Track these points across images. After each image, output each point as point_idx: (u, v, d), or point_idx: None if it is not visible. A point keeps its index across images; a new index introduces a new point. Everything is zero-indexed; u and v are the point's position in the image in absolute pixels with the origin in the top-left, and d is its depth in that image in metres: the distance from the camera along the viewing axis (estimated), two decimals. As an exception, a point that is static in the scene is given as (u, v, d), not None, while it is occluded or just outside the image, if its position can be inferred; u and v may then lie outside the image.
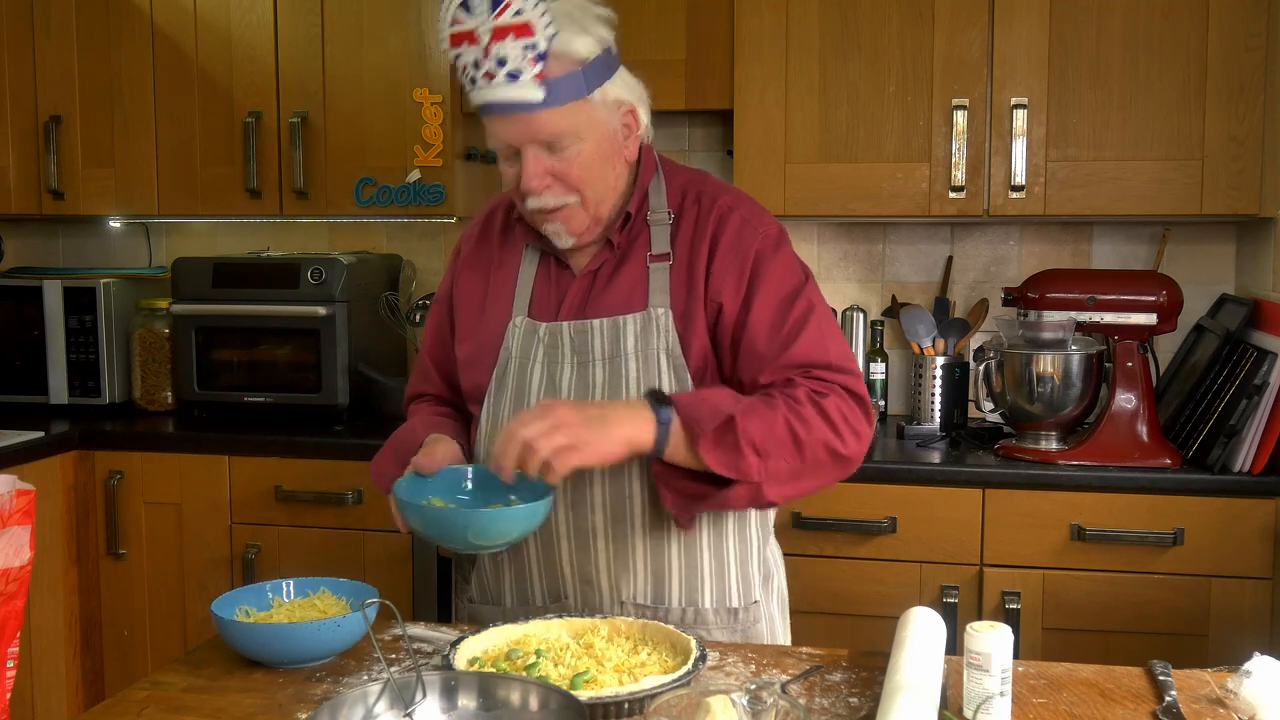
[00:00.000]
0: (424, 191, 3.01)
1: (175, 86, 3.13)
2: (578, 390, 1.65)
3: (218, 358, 3.10)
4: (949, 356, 2.96)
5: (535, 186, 1.60)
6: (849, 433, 1.58)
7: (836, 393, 1.59)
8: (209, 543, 2.92)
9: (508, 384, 1.69)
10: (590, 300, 1.68)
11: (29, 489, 1.39)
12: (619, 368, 1.64)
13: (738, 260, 1.64)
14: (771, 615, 1.77)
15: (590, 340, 1.65)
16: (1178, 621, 2.47)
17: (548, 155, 1.59)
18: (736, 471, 1.52)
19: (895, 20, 2.77)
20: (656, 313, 1.64)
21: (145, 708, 1.40)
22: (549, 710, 1.26)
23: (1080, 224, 3.06)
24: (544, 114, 1.54)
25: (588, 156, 1.60)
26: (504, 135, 1.59)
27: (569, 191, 1.61)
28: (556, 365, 1.66)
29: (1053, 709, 1.37)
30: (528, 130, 1.56)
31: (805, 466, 1.56)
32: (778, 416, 1.53)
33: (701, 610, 1.68)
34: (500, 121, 1.57)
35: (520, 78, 1.52)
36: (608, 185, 1.65)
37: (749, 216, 1.68)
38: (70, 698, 2.95)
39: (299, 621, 1.53)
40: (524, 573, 1.71)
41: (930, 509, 2.56)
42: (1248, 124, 2.64)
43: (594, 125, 1.59)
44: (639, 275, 1.67)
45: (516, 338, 1.69)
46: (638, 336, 1.64)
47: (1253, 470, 2.45)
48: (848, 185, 2.80)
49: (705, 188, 1.72)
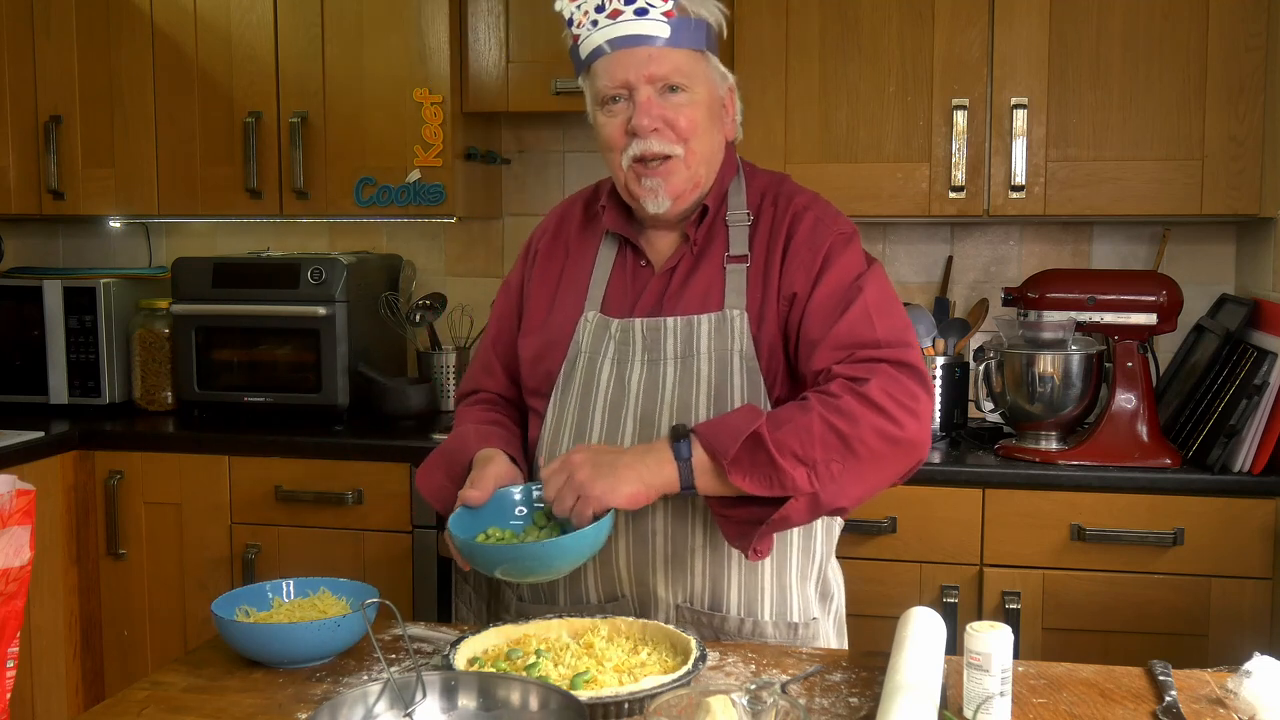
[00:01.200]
0: (424, 191, 3.01)
1: (175, 86, 3.13)
2: (647, 388, 1.62)
3: (218, 358, 3.10)
4: (949, 356, 2.96)
5: (647, 124, 1.58)
6: (902, 412, 1.48)
7: (882, 373, 1.50)
8: (209, 543, 2.92)
9: (575, 379, 1.66)
10: (666, 298, 1.66)
11: (29, 489, 1.39)
12: (691, 367, 1.61)
13: (809, 255, 1.62)
14: (828, 635, 1.73)
15: (663, 338, 1.63)
16: (1178, 621, 2.47)
17: (660, 99, 1.59)
18: (780, 487, 1.46)
19: (895, 20, 2.77)
20: (732, 314, 1.62)
21: (145, 708, 1.40)
22: (549, 710, 1.26)
23: (1080, 224, 3.06)
24: (668, 51, 1.57)
25: (700, 108, 1.61)
26: (621, 74, 1.58)
27: (677, 140, 1.61)
28: (627, 363, 1.64)
29: (1053, 709, 1.37)
30: (649, 66, 1.57)
31: (862, 462, 1.47)
32: (813, 418, 1.46)
33: (760, 622, 1.64)
34: (619, 60, 1.58)
35: (649, 13, 1.54)
36: (712, 150, 1.65)
37: (822, 215, 1.67)
38: (70, 698, 2.95)
39: (299, 621, 1.53)
40: (578, 572, 1.65)
41: (930, 509, 2.56)
42: (1248, 124, 2.64)
43: (707, 81, 1.62)
44: (715, 275, 1.65)
45: (588, 332, 1.67)
46: (711, 337, 1.62)
47: (1253, 470, 2.45)
48: (848, 185, 2.80)
49: (784, 189, 1.71)
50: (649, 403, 1.61)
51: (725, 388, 1.60)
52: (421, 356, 3.25)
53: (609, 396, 1.63)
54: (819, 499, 1.48)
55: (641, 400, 1.62)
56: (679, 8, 1.56)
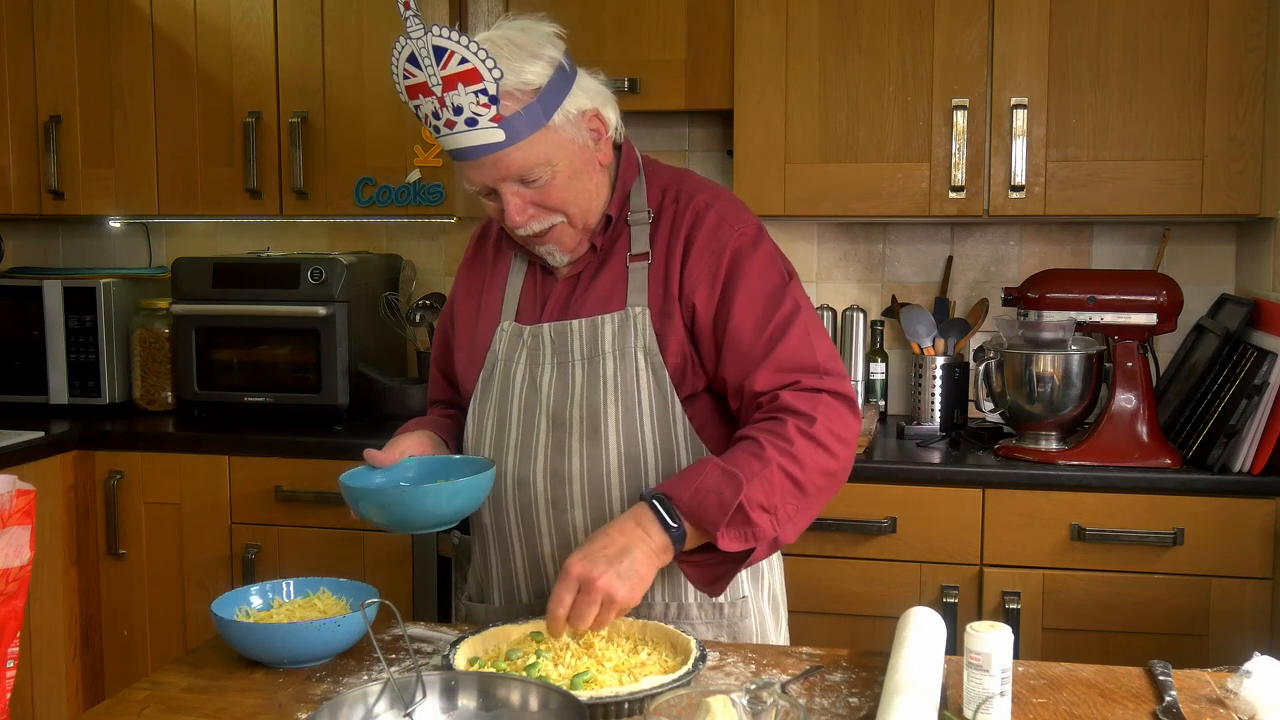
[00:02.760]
0: (424, 191, 3.01)
1: (175, 86, 3.13)
2: (557, 390, 1.66)
3: (218, 358, 3.10)
4: (949, 356, 2.96)
5: (520, 220, 1.62)
6: (840, 445, 1.59)
7: (825, 407, 1.58)
8: (209, 543, 2.92)
9: (493, 385, 1.72)
10: (572, 302, 1.70)
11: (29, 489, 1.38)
12: (597, 367, 1.65)
13: (712, 259, 1.64)
14: (762, 611, 1.76)
15: (569, 340, 1.67)
16: (1178, 621, 2.47)
17: (524, 188, 1.60)
18: (753, 539, 1.52)
19: (895, 20, 2.77)
20: (634, 312, 1.65)
21: (145, 708, 1.40)
22: (549, 710, 1.26)
23: (1080, 224, 3.06)
24: (509, 152, 1.56)
25: (562, 178, 1.61)
26: (477, 178, 1.61)
27: (552, 214, 1.63)
28: (538, 366, 1.68)
29: (1053, 709, 1.37)
30: (497, 170, 1.58)
31: (810, 499, 1.57)
32: (773, 470, 1.53)
33: (685, 605, 1.68)
34: (470, 166, 1.59)
35: (478, 123, 1.54)
36: (589, 197, 1.66)
37: (725, 214, 1.67)
38: (70, 698, 2.95)
39: (299, 621, 1.53)
40: (510, 570, 1.72)
41: (930, 509, 2.56)
42: (1248, 124, 2.64)
43: (561, 147, 1.60)
44: (619, 275, 1.68)
45: (502, 341, 1.72)
46: (615, 335, 1.65)
47: (1253, 470, 2.45)
48: (848, 185, 2.80)
49: (684, 186, 1.72)
50: (559, 403, 1.66)
51: (632, 384, 1.63)
52: (421, 356, 3.25)
53: (524, 398, 1.68)
54: (778, 540, 1.56)
55: (553, 401, 1.66)
56: (503, 108, 1.53)
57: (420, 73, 1.54)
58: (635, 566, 1.46)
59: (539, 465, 1.65)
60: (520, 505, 1.67)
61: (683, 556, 1.54)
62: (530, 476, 1.66)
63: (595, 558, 1.45)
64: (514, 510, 1.68)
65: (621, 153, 1.72)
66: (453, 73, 1.52)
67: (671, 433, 1.65)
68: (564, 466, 1.64)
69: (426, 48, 1.52)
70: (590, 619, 1.44)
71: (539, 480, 1.65)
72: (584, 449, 1.64)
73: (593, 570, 1.44)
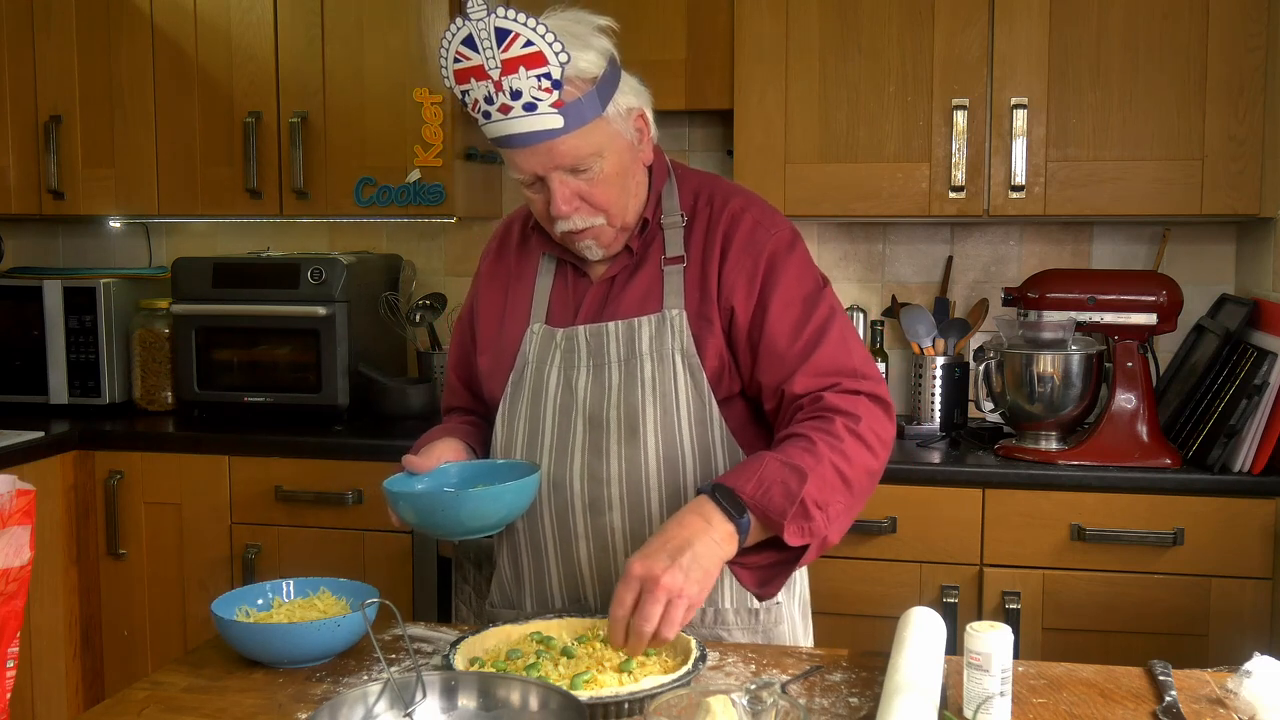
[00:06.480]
0: (424, 191, 3.01)
1: (175, 86, 3.13)
2: (593, 392, 1.65)
3: (218, 358, 3.10)
4: (949, 356, 2.96)
5: (566, 211, 1.59)
6: (881, 448, 1.58)
7: (867, 408, 1.57)
8: (209, 543, 2.92)
9: (524, 388, 1.70)
10: (607, 305, 1.69)
11: (29, 489, 1.38)
12: (634, 369, 1.64)
13: (750, 262, 1.64)
14: (793, 618, 1.76)
15: (606, 343, 1.65)
16: (1178, 621, 2.47)
17: (572, 178, 1.58)
18: (810, 535, 1.51)
19: (895, 20, 2.77)
20: (671, 314, 1.64)
21: (145, 708, 1.40)
22: (549, 710, 1.26)
23: (1080, 224, 3.06)
24: (566, 140, 1.54)
25: (610, 172, 1.60)
26: (528, 165, 1.58)
27: (596, 212, 1.62)
28: (573, 369, 1.67)
29: (1053, 709, 1.37)
30: (551, 158, 1.56)
31: (855, 499, 1.56)
32: (824, 465, 1.51)
33: (721, 610, 1.67)
34: (522, 153, 1.56)
35: (537, 108, 1.51)
36: (630, 196, 1.65)
37: (761, 218, 1.68)
38: (70, 698, 2.95)
39: (299, 621, 1.53)
40: (543, 576, 1.70)
41: (930, 509, 2.56)
42: (1248, 124, 2.64)
43: (612, 140, 1.59)
44: (654, 278, 1.67)
45: (533, 344, 1.70)
46: (653, 338, 1.64)
47: (1253, 470, 2.45)
48: (848, 185, 2.80)
49: (717, 190, 1.72)
50: (596, 405, 1.64)
51: (669, 386, 1.63)
52: (421, 356, 3.25)
53: (558, 401, 1.67)
54: (828, 539, 1.54)
55: (589, 403, 1.65)
56: (565, 93, 1.51)
57: (476, 55, 1.50)
58: (699, 560, 1.40)
59: (576, 467, 1.64)
60: (556, 508, 1.66)
61: (735, 559, 1.50)
62: (567, 478, 1.64)
63: (655, 554, 1.39)
64: (549, 513, 1.66)
65: (654, 156, 1.72)
66: (514, 56, 1.48)
67: (709, 435, 1.64)
68: (602, 468, 1.63)
69: (489, 29, 1.48)
70: (655, 618, 1.37)
71: (576, 482, 1.64)
72: (622, 450, 1.62)
73: (654, 567, 1.38)
